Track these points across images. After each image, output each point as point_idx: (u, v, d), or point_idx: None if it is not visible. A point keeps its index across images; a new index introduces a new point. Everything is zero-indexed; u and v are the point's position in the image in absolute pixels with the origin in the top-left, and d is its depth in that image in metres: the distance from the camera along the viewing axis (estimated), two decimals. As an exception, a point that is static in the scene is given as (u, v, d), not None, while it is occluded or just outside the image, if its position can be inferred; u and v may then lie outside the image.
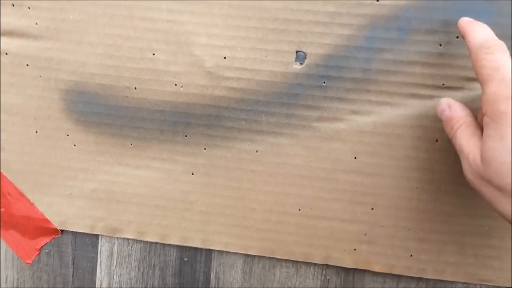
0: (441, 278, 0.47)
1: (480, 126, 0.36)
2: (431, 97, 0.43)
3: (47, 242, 0.52)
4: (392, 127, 0.44)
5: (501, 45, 0.34)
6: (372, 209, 0.46)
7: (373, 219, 0.46)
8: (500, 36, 0.36)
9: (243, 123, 0.46)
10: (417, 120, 0.43)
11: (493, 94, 0.32)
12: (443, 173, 0.44)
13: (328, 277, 0.49)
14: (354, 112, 0.44)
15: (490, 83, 0.33)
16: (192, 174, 0.48)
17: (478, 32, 0.36)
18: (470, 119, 0.37)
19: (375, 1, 0.42)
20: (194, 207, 0.48)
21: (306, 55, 0.44)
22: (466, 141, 0.35)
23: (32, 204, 0.50)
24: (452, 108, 0.38)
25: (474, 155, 0.34)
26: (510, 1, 0.41)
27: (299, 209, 0.47)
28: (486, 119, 0.33)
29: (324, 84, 0.44)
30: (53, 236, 0.52)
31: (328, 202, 0.47)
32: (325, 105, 0.44)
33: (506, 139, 0.31)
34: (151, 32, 0.45)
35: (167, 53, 0.45)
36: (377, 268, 0.47)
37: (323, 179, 0.46)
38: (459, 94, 0.42)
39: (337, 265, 0.48)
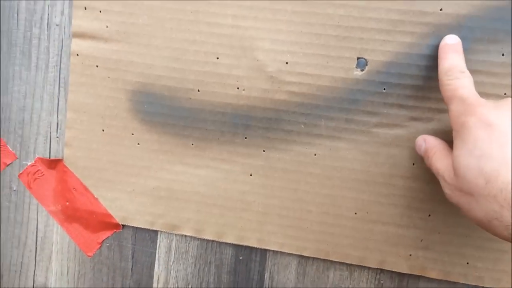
0: (498, 287, 0.48)
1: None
2: (493, 105, 0.45)
3: (109, 236, 0.56)
4: (451, 134, 0.45)
5: (461, 72, 0.40)
6: (429, 215, 0.48)
7: (430, 225, 0.48)
8: None
9: (302, 126, 0.48)
10: (477, 128, 0.45)
11: (455, 111, 0.39)
12: (502, 182, 0.46)
13: (382, 282, 0.51)
14: (414, 119, 0.46)
15: (451, 102, 0.39)
16: (251, 175, 0.51)
17: (446, 60, 0.42)
18: (443, 146, 0.42)
19: (439, 10, 0.43)
20: (251, 207, 0.51)
21: (367, 62, 0.46)
22: (441, 162, 0.40)
23: (96, 199, 0.54)
24: (426, 141, 0.44)
25: (448, 171, 0.39)
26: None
27: (356, 213, 0.49)
28: (454, 134, 0.39)
29: (384, 91, 0.46)
30: (115, 230, 0.55)
31: (385, 207, 0.49)
32: (385, 111, 0.46)
33: (467, 144, 0.37)
34: (216, 37, 0.48)
35: (230, 57, 0.48)
36: (432, 275, 0.49)
37: (381, 184, 0.48)
38: (522, 103, 0.44)
39: (392, 270, 0.49)
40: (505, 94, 0.44)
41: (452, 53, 0.42)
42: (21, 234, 0.57)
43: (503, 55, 0.43)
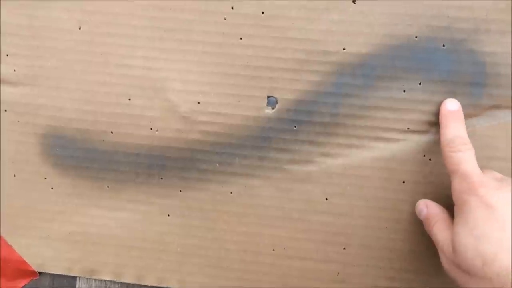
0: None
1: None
2: (397, 140, 0.43)
3: (26, 284, 0.50)
4: (360, 169, 0.43)
5: (463, 144, 0.38)
6: (344, 248, 0.45)
7: (345, 259, 0.46)
8: (459, 83, 0.40)
9: (217, 165, 0.45)
10: (384, 162, 0.43)
11: (457, 187, 0.36)
12: (410, 214, 0.44)
13: (302, 316, 0.48)
14: (324, 155, 0.44)
15: (454, 177, 0.37)
16: (168, 215, 0.47)
17: (448, 129, 0.39)
18: (445, 216, 0.39)
19: (342, 50, 0.42)
20: (170, 248, 0.47)
21: (277, 100, 0.43)
22: (441, 234, 0.38)
23: (10, 246, 0.49)
24: (429, 207, 0.41)
25: (447, 245, 0.36)
26: (469, 50, 0.41)
27: (273, 249, 0.46)
28: (455, 208, 0.37)
29: (295, 128, 0.44)
30: (31, 278, 0.50)
31: (301, 242, 0.46)
32: (296, 148, 0.44)
33: (468, 223, 0.34)
34: (127, 78, 0.44)
35: (142, 99, 0.45)
36: (351, 307, 0.46)
37: (296, 220, 0.45)
38: (424, 137, 0.42)
39: (311, 304, 0.47)
40: (408, 128, 0.42)
41: (454, 122, 0.40)
42: None
43: (404, 91, 0.42)
